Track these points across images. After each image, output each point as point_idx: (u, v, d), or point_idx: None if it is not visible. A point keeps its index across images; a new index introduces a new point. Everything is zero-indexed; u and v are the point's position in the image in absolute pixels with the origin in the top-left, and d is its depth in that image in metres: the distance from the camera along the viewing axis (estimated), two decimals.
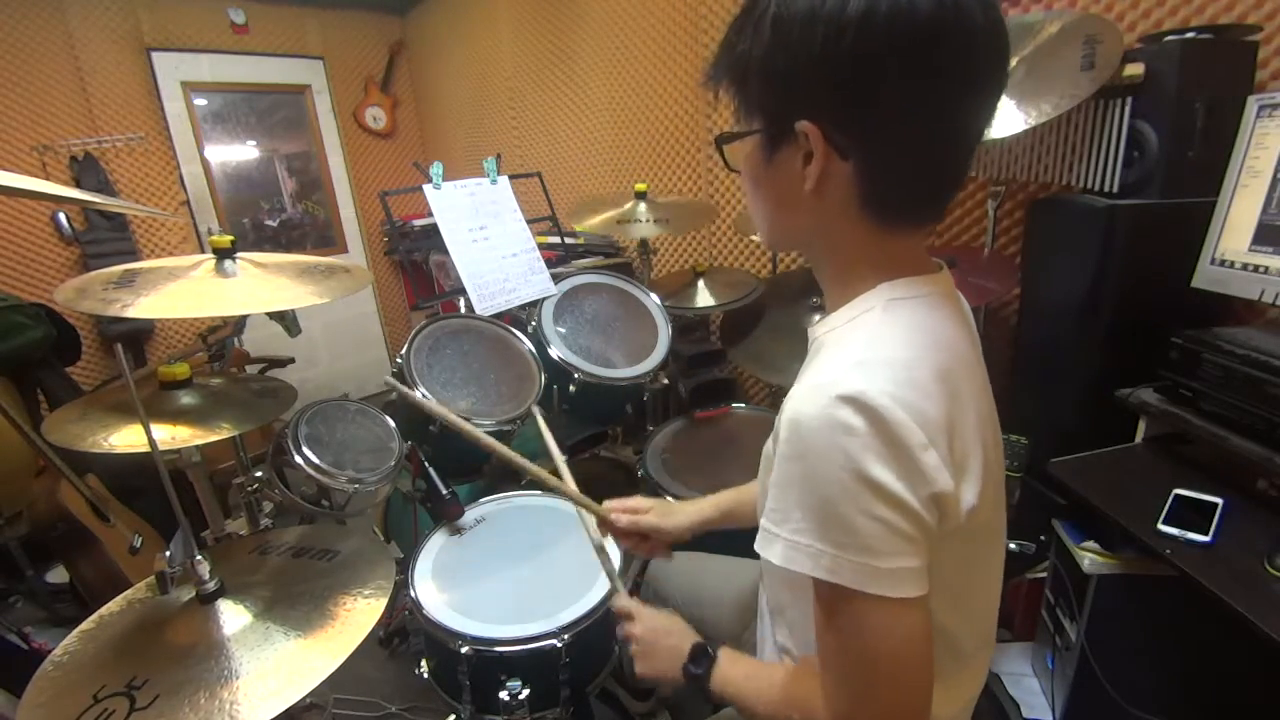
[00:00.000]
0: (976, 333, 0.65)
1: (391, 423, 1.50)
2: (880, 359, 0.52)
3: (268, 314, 1.31)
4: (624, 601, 0.85)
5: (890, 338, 0.54)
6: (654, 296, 1.83)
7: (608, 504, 0.98)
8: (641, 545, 0.96)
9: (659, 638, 0.78)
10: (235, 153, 3.55)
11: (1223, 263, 1.06)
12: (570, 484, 1.00)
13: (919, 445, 0.49)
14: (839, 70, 0.50)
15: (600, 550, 0.98)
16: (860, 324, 0.57)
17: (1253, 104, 1.02)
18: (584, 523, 1.01)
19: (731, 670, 0.70)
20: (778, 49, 0.52)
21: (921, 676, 0.52)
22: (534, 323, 1.66)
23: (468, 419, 1.12)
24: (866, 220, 0.57)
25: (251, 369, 2.46)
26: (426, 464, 1.42)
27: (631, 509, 0.95)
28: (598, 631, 1.04)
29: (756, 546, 0.56)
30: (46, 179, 2.51)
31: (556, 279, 1.77)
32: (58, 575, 2.00)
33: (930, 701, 0.52)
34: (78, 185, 2.90)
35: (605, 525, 0.96)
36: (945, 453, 0.50)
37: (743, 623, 0.94)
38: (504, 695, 0.94)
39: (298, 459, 1.30)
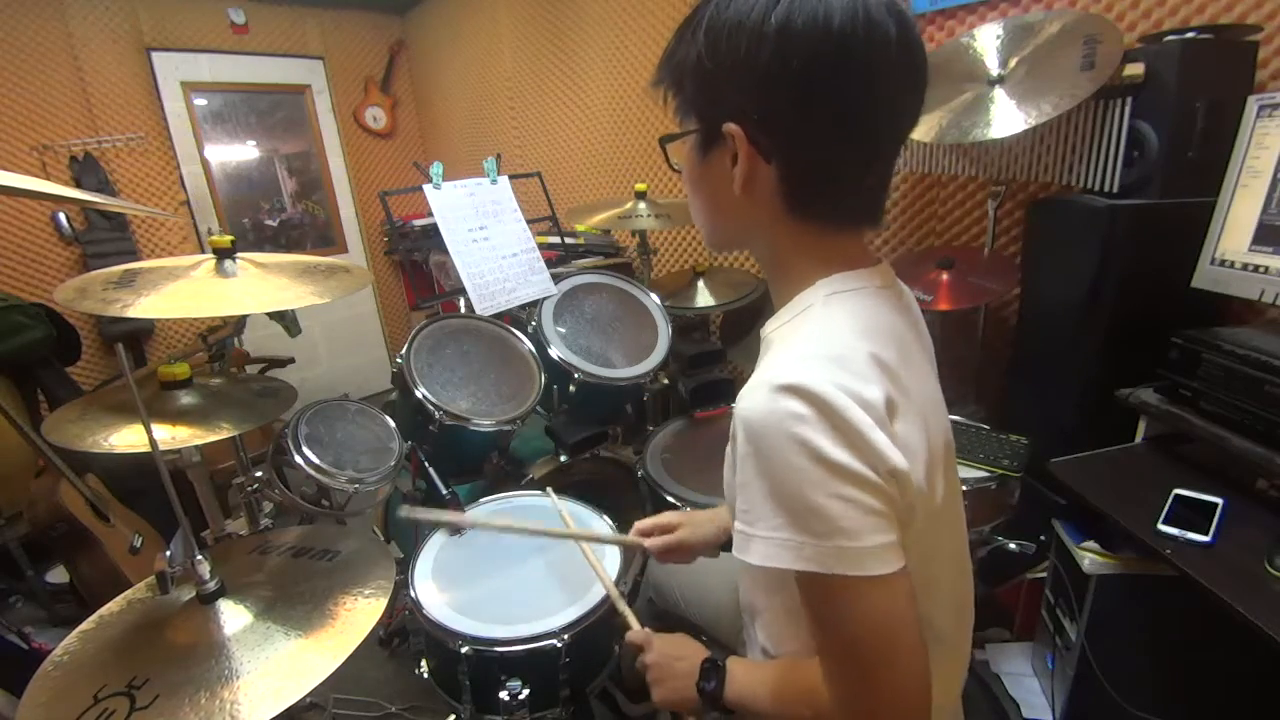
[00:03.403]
0: (921, 320, 0.68)
1: (391, 423, 1.50)
2: (818, 350, 0.54)
3: (268, 314, 1.31)
4: (636, 634, 0.83)
5: (827, 331, 0.57)
6: (654, 296, 1.83)
7: (638, 525, 0.98)
8: (678, 558, 0.96)
9: (671, 663, 0.76)
10: (235, 153, 3.55)
11: (1223, 263, 1.06)
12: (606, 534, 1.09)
13: (866, 425, 0.50)
14: (759, 77, 0.53)
15: (614, 590, 0.97)
16: (801, 320, 0.60)
17: (1253, 104, 1.03)
18: (589, 559, 1.01)
19: (742, 678, 0.69)
20: (708, 54, 0.55)
21: (915, 649, 0.52)
22: (534, 323, 1.66)
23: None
24: (795, 221, 0.59)
25: (251, 369, 2.45)
26: (426, 464, 1.42)
27: (664, 527, 0.96)
28: (598, 631, 1.04)
29: (734, 551, 0.55)
30: (46, 179, 2.51)
31: (556, 279, 1.77)
32: (58, 575, 2.00)
33: (928, 674, 0.52)
34: (78, 185, 2.90)
35: (642, 550, 0.97)
36: (890, 433, 0.52)
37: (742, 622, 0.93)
38: (504, 695, 0.94)
39: (298, 459, 1.31)
